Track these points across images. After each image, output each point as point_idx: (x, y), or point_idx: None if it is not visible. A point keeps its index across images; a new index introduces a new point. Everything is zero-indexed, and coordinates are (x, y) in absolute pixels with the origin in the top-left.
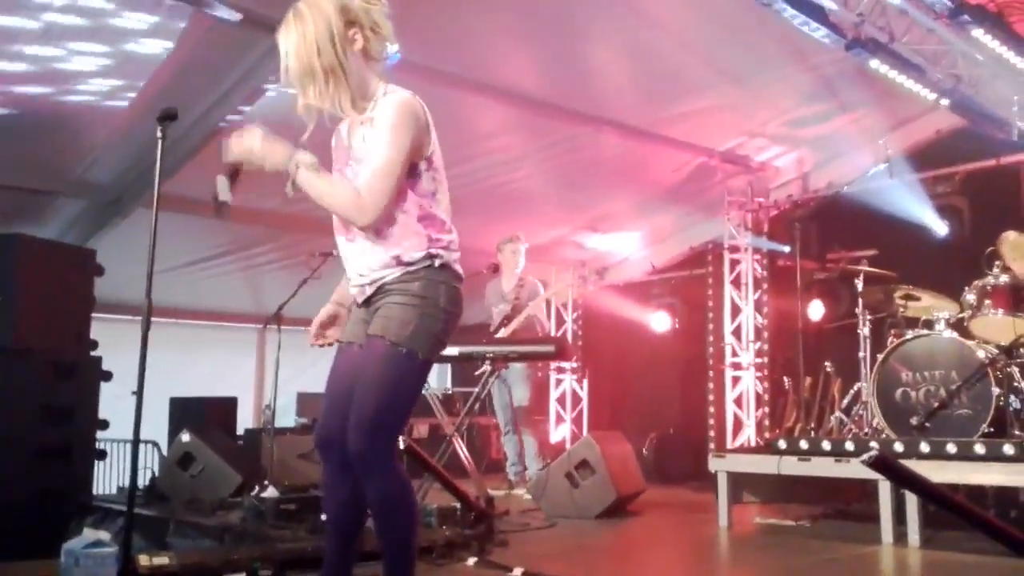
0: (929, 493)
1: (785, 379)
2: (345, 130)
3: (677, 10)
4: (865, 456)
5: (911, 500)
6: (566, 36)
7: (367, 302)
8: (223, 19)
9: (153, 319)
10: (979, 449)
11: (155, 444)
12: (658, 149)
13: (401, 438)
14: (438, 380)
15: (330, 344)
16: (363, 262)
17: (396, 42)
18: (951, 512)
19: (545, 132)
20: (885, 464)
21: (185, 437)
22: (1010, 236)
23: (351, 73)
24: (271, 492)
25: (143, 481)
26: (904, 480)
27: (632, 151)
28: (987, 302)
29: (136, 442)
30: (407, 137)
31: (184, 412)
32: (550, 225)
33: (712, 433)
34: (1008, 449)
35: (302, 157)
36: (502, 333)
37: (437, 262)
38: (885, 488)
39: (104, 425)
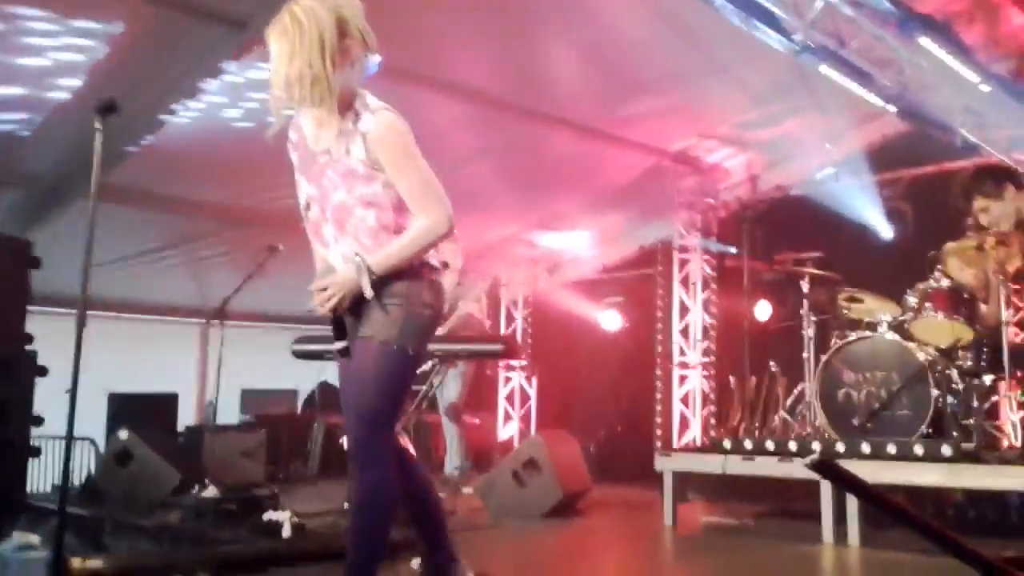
0: (868, 496)
1: (731, 378)
2: (311, 134)
3: (629, 11)
4: (807, 459)
5: (851, 500)
6: (519, 34)
7: (352, 309)
8: None
9: (92, 313)
10: (918, 450)
11: (92, 441)
12: (610, 149)
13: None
14: None
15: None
16: (344, 268)
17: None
18: (890, 515)
19: (497, 129)
20: (826, 467)
21: (123, 434)
22: (950, 247)
23: (336, 84)
24: (211, 492)
25: (79, 479)
26: (845, 483)
27: (584, 150)
28: (928, 305)
29: (69, 439)
30: (416, 153)
31: (123, 408)
32: (502, 223)
33: (659, 431)
34: (945, 450)
35: (364, 262)
36: (438, 332)
37: (416, 262)
38: (826, 488)
39: (39, 421)
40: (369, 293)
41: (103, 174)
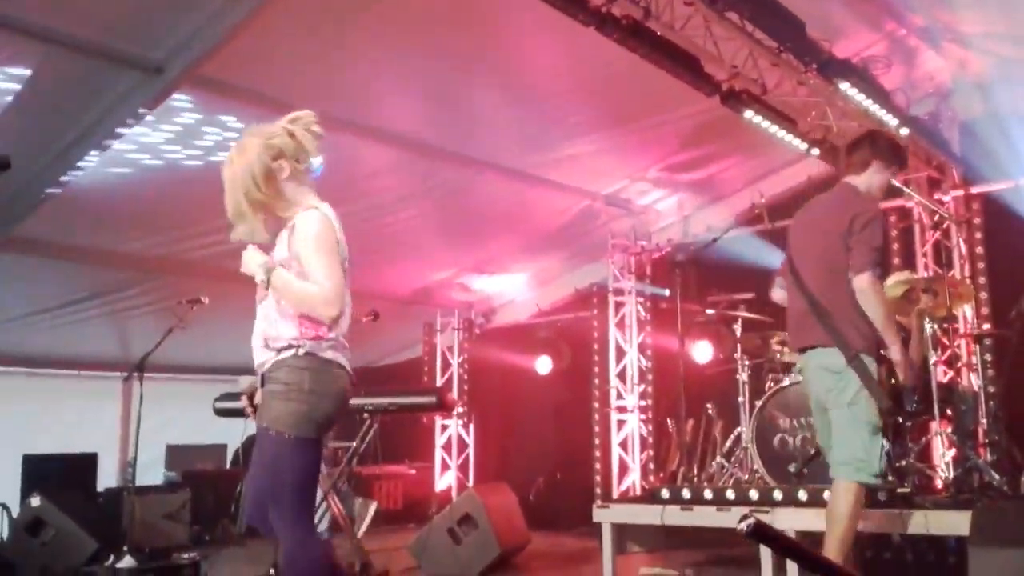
0: (804, 559)
1: (669, 421)
2: None
3: (556, 55)
4: (742, 525)
5: None
6: (446, 81)
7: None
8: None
9: (5, 369)
10: None
11: (4, 506)
12: (542, 192)
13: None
14: None
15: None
16: (254, 339)
17: (319, 154)
18: None
19: (427, 174)
20: (761, 533)
21: (35, 500)
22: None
23: (276, 199)
24: (127, 561)
25: None
26: (780, 547)
27: (516, 194)
28: None
29: None
30: (332, 248)
31: (38, 470)
32: (436, 267)
33: (598, 478)
34: (881, 496)
35: (272, 265)
36: None
37: (301, 351)
38: None
39: None
40: (260, 277)
41: (11, 226)
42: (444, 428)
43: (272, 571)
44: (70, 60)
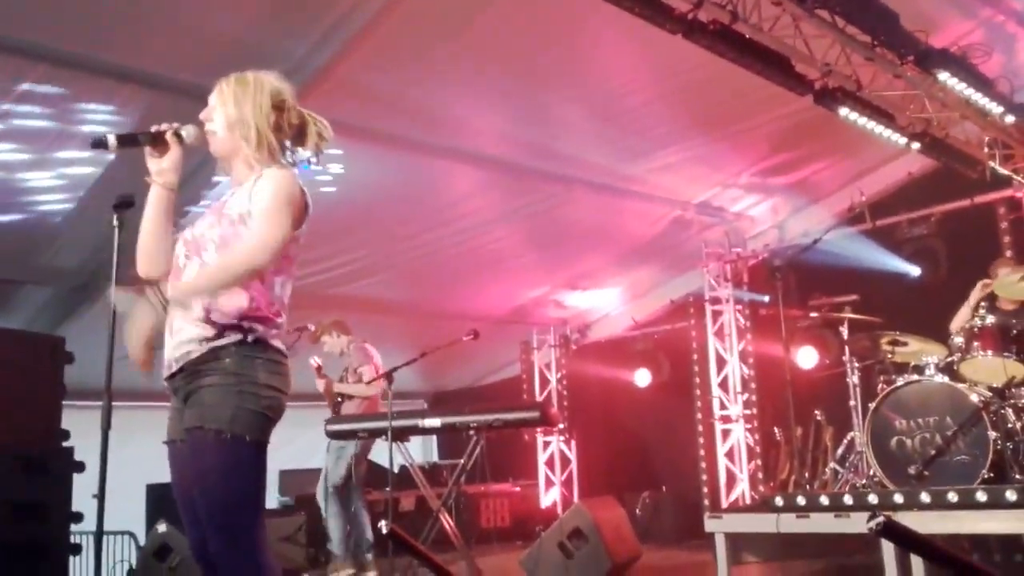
0: (939, 557)
1: (776, 430)
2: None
3: (638, 66)
4: (872, 523)
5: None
6: (529, 98)
7: (174, 385)
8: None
9: (129, 403)
10: (981, 496)
11: (131, 535)
12: (632, 204)
13: (384, 522)
14: (423, 452)
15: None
16: (182, 314)
17: (315, 158)
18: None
19: (517, 193)
20: (894, 531)
21: (161, 527)
22: (996, 284)
23: (265, 141)
24: None
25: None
26: (914, 545)
27: (606, 207)
28: (975, 344)
29: (99, 547)
30: (289, 212)
31: (162, 499)
32: (529, 285)
33: (706, 489)
34: (1010, 495)
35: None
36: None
37: (250, 337)
38: (888, 542)
39: (78, 518)
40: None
41: (127, 268)
42: (546, 445)
43: None
44: (173, 102)
